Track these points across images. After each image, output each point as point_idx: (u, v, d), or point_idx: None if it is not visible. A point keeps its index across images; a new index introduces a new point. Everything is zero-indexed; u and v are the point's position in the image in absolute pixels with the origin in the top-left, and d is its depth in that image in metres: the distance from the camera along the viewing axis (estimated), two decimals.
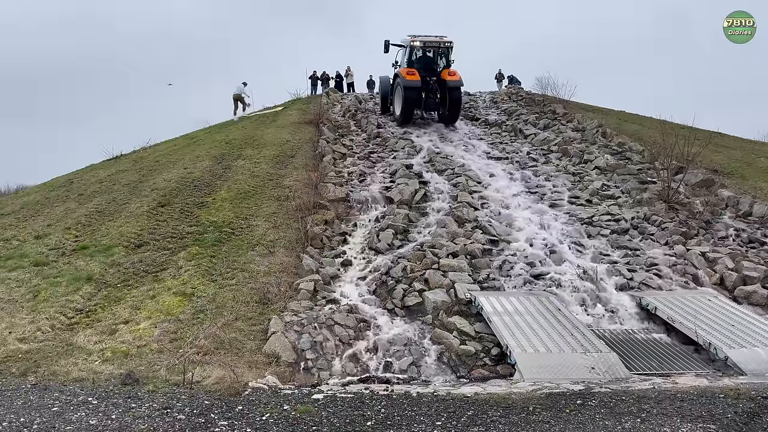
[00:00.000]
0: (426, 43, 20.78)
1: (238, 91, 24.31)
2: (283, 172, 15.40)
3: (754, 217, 12.54)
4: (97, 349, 7.78)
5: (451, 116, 20.84)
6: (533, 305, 9.17)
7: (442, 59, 21.08)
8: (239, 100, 24.28)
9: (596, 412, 5.58)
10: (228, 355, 7.57)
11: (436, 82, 20.42)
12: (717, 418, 5.38)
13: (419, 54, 21.10)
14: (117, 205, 13.33)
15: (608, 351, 7.81)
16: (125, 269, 10.26)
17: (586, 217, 12.74)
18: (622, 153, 16.76)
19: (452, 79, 20.15)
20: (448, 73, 20.30)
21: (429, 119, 21.76)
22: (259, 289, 9.51)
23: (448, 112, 20.74)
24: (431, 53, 21.14)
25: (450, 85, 20.16)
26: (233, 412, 5.81)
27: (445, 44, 20.74)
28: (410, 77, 19.81)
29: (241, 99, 24.24)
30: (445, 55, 20.97)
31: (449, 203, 13.52)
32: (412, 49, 20.87)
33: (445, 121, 20.98)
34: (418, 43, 20.72)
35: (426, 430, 5.28)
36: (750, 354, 7.72)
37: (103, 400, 6.19)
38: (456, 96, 20.36)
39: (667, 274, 10.54)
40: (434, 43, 20.81)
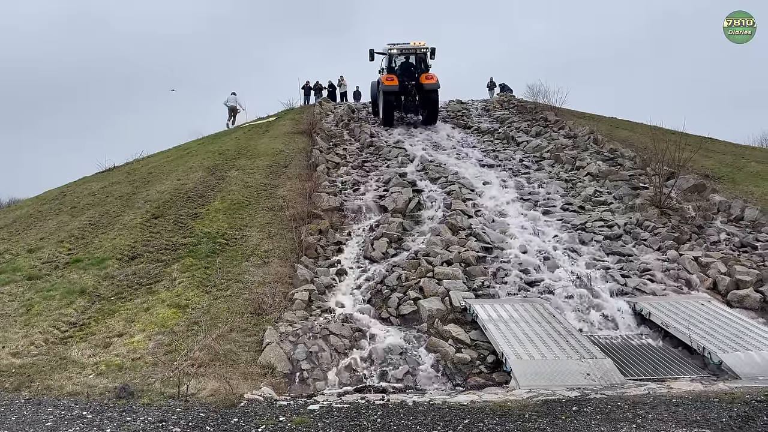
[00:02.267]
0: (403, 50, 22.62)
1: (232, 103, 25.71)
2: (277, 182, 15.41)
3: (746, 221, 12.63)
4: (91, 363, 7.73)
5: (429, 117, 22.36)
6: (528, 312, 9.19)
7: (420, 64, 22.68)
8: (233, 109, 25.51)
9: (592, 419, 5.59)
10: (223, 367, 7.54)
11: (415, 85, 21.95)
12: (712, 422, 5.40)
13: (398, 60, 22.77)
14: (110, 217, 13.29)
15: (603, 357, 7.83)
16: (119, 282, 10.22)
17: (579, 224, 12.80)
18: (613, 159, 16.87)
19: (429, 82, 21.62)
20: (425, 77, 21.76)
21: (409, 120, 23.20)
22: (254, 299, 9.49)
23: (427, 113, 22.32)
24: (409, 59, 22.79)
25: (426, 88, 21.67)
26: (229, 424, 5.78)
27: (421, 50, 22.59)
28: (389, 82, 21.53)
29: (234, 109, 25.49)
30: (423, 60, 22.70)
31: (443, 211, 13.55)
32: (391, 56, 22.62)
33: (426, 122, 22.45)
34: (396, 51, 22.55)
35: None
36: (744, 358, 7.76)
37: (97, 414, 6.15)
38: (433, 98, 21.88)
39: (661, 279, 10.58)
40: (410, 50, 22.66)
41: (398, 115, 22.94)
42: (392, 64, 22.66)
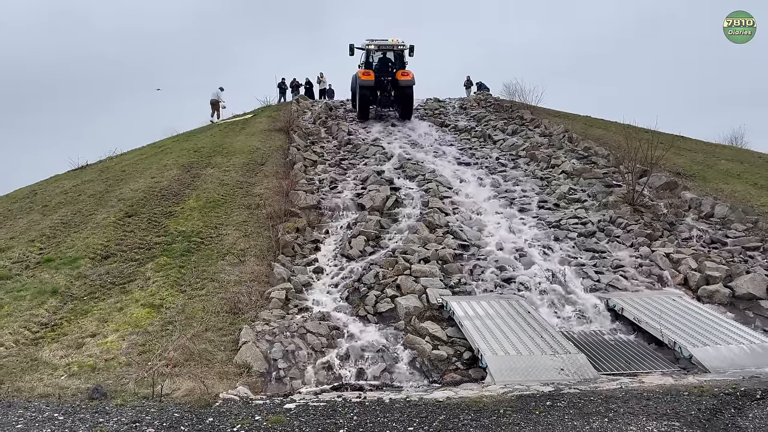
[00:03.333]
0: (380, 46, 23.11)
1: (214, 97, 26.24)
2: (253, 180, 15.31)
3: (716, 218, 12.90)
4: (63, 364, 7.60)
5: (404, 112, 23.03)
6: (504, 308, 9.28)
7: (398, 61, 23.15)
8: (215, 104, 26.05)
9: (565, 413, 5.67)
10: (198, 367, 7.47)
11: (391, 81, 22.49)
12: (681, 415, 5.52)
13: (376, 56, 23.30)
14: (83, 216, 13.07)
15: (577, 352, 7.94)
16: (92, 281, 10.06)
17: (554, 221, 12.95)
18: (588, 157, 17.10)
19: (404, 78, 22.27)
20: (401, 74, 22.39)
21: (385, 114, 23.82)
22: (230, 298, 9.42)
23: (401, 108, 23.03)
24: (386, 55, 23.31)
25: (402, 84, 22.30)
26: (204, 424, 5.74)
27: (398, 47, 23.07)
28: (365, 77, 22.09)
29: (217, 104, 26.08)
30: (400, 57, 23.18)
31: (420, 209, 13.60)
32: (369, 51, 23.14)
33: (401, 117, 23.08)
34: (373, 46, 23.08)
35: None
36: (713, 352, 7.93)
37: (69, 415, 6.05)
38: (407, 93, 22.52)
39: (633, 275, 10.77)
40: (387, 46, 23.13)
41: (375, 110, 23.55)
42: (370, 60, 23.17)
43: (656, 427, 5.21)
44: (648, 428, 5.20)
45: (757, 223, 12.40)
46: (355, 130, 21.39)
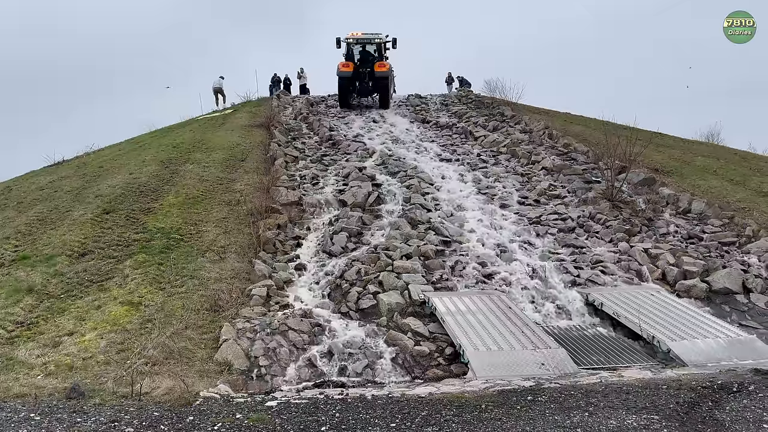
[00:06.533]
0: (359, 39, 24.69)
1: (217, 85, 26.95)
2: (234, 176, 15.17)
3: (693, 213, 13.11)
4: (39, 363, 7.47)
5: (381, 101, 24.89)
6: (485, 304, 9.32)
7: (376, 53, 24.75)
8: (219, 92, 26.80)
9: (546, 408, 5.71)
10: (178, 365, 7.39)
11: (369, 72, 24.00)
12: (660, 408, 5.59)
13: (356, 49, 24.80)
14: (59, 212, 12.83)
15: (557, 347, 8.02)
16: (69, 279, 9.89)
17: (534, 217, 13.05)
18: (567, 154, 17.25)
19: (380, 69, 23.90)
20: (378, 65, 24.00)
21: (363, 103, 25.70)
22: (210, 296, 9.32)
23: (379, 97, 25.02)
24: (366, 48, 24.86)
25: (377, 75, 23.95)
26: (184, 422, 5.67)
27: (376, 41, 24.75)
28: (344, 68, 23.87)
29: (221, 92, 26.82)
30: (378, 50, 24.83)
31: (402, 205, 13.61)
32: (349, 44, 24.66)
33: (379, 106, 24.84)
34: (352, 39, 24.61)
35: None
36: (691, 346, 8.07)
37: (46, 415, 5.94)
38: (383, 84, 24.29)
39: (612, 270, 10.90)
40: (366, 40, 24.75)
41: (356, 99, 25.56)
42: (351, 52, 24.62)
43: (635, 421, 5.27)
44: (627, 422, 5.25)
45: (733, 219, 12.63)
46: (336, 126, 21.32)
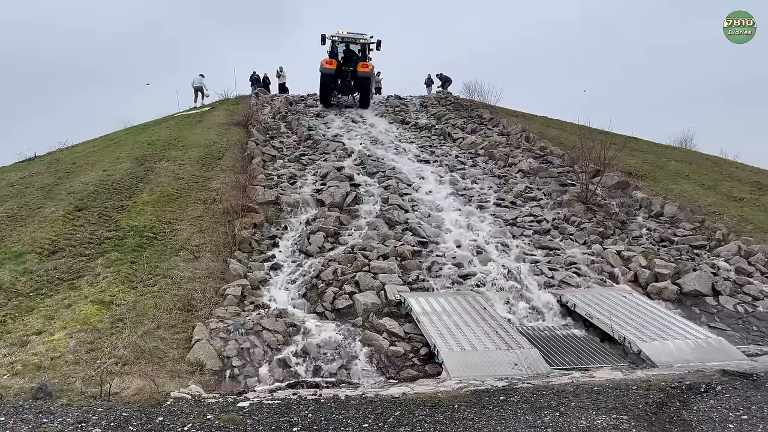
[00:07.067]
0: (343, 38, 24.79)
1: (197, 83, 26.71)
2: (210, 175, 15.01)
3: (665, 217, 13.34)
4: (6, 363, 7.29)
5: (362, 100, 25.11)
6: (460, 305, 9.36)
7: (360, 53, 24.82)
8: (199, 90, 26.58)
9: (518, 408, 5.75)
10: (149, 365, 7.28)
11: (352, 71, 24.07)
12: (629, 408, 5.67)
13: (340, 47, 24.85)
14: (30, 209, 12.56)
15: (530, 347, 8.08)
16: (38, 277, 9.68)
17: (510, 219, 13.16)
18: (544, 157, 17.43)
19: (363, 69, 23.97)
20: (361, 65, 24.06)
21: (344, 102, 25.98)
22: (183, 295, 9.21)
23: (359, 96, 25.17)
24: (350, 47, 24.83)
25: (359, 75, 24.03)
26: (153, 423, 5.59)
27: (361, 41, 24.79)
28: (327, 66, 23.84)
29: (201, 89, 26.61)
30: (362, 49, 24.90)
31: (380, 206, 13.61)
32: (334, 42, 24.85)
33: (360, 105, 25.10)
34: (337, 38, 24.79)
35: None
36: (661, 347, 8.20)
37: (11, 416, 5.80)
38: (364, 84, 24.45)
39: (586, 272, 11.03)
40: (350, 39, 24.82)
41: (336, 97, 25.86)
42: (335, 50, 24.76)
43: (605, 421, 5.33)
44: (597, 422, 5.32)
45: (704, 223, 12.87)
46: (315, 125, 21.25)
